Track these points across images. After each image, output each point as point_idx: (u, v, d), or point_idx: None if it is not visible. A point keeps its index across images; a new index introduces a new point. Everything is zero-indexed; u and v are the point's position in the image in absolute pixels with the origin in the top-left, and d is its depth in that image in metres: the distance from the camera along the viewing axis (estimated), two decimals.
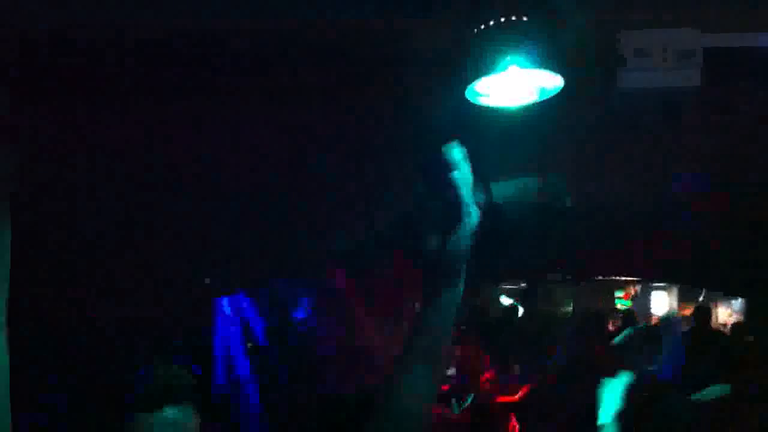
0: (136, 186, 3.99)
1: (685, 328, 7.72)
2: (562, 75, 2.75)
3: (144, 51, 3.15)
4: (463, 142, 1.57)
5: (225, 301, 6.28)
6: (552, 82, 2.82)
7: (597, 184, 4.92)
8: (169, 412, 1.81)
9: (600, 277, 11.30)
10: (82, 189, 3.91)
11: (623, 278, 11.78)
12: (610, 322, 8.68)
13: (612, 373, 4.27)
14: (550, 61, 2.69)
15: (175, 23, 3.03)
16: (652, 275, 10.08)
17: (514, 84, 2.83)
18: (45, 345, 3.91)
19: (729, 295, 9.38)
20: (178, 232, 4.29)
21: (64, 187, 3.88)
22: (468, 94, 2.83)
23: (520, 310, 10.16)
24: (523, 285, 11.63)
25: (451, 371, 5.80)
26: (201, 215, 4.23)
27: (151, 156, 3.82)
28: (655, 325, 8.06)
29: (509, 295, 11.41)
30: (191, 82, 3.36)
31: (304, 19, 3.03)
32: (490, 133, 3.24)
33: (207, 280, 4.76)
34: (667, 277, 9.88)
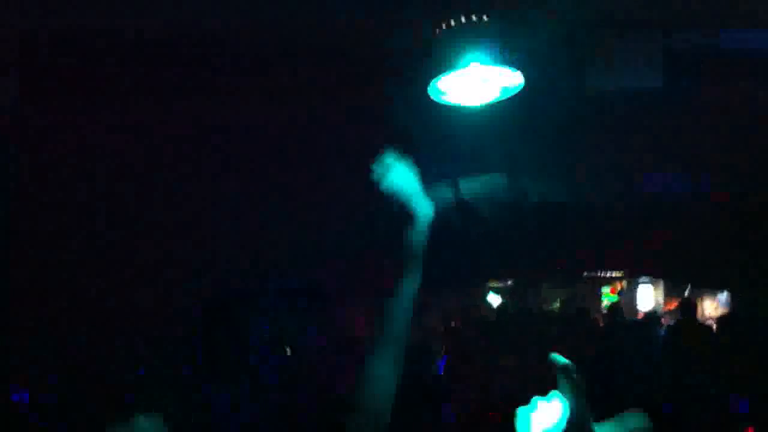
0: (135, 186, 3.99)
1: (671, 321, 7.83)
2: (523, 73, 2.80)
3: (144, 51, 3.15)
4: (432, 140, 1.60)
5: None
6: (513, 80, 2.88)
7: (581, 181, 4.94)
8: (141, 422, 1.82)
9: (586, 273, 11.40)
10: (81, 189, 3.91)
11: (610, 274, 11.90)
12: (599, 318, 8.76)
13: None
14: (510, 58, 2.76)
15: (175, 23, 3.03)
16: (642, 268, 10.18)
17: (476, 82, 2.89)
18: (45, 345, 3.91)
19: (718, 290, 9.50)
20: (177, 233, 4.29)
21: (63, 188, 3.88)
22: (431, 92, 2.87)
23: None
24: (509, 283, 11.65)
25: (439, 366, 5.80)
26: (201, 215, 4.23)
27: (151, 156, 3.82)
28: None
29: (496, 294, 11.43)
30: (191, 82, 3.36)
31: (304, 19, 3.03)
32: (463, 132, 3.27)
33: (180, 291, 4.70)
34: (657, 270, 9.94)
